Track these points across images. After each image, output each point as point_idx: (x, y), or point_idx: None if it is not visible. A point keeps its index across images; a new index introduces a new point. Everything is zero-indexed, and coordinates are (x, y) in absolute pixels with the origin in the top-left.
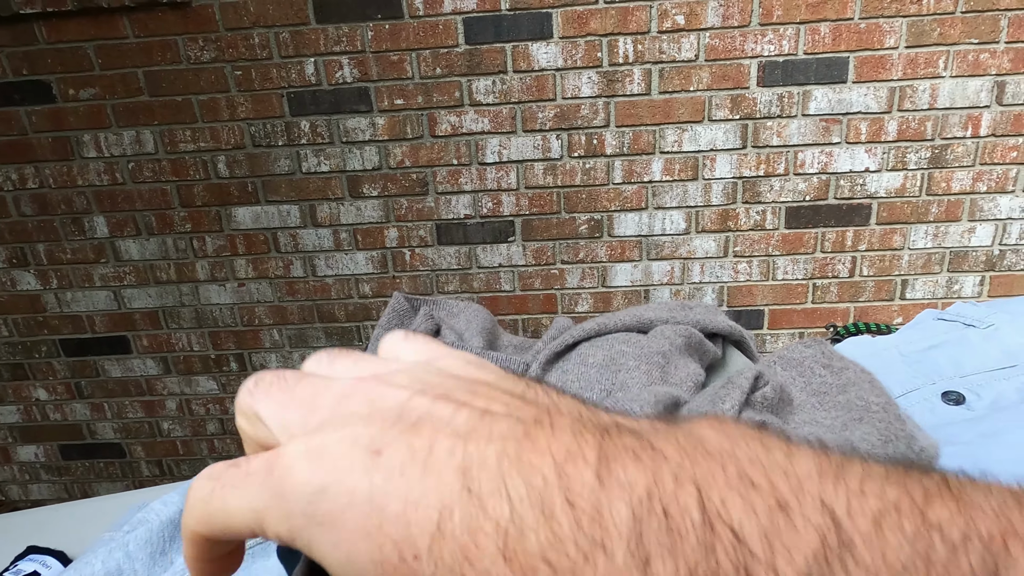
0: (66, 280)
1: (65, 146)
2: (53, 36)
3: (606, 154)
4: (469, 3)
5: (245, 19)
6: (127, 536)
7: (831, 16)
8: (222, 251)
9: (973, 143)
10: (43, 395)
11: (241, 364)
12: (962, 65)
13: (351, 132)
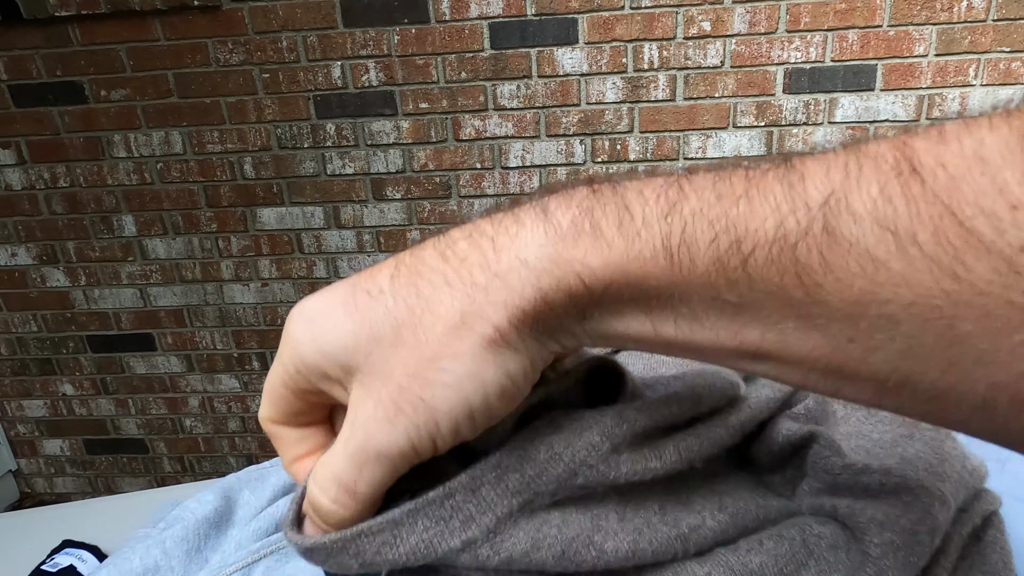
0: (94, 278)
1: (96, 146)
2: (86, 38)
3: (630, 160)
4: (495, 8)
5: (274, 22)
6: (164, 533)
7: (859, 23)
8: (247, 251)
9: None
10: (69, 390)
11: (263, 363)
12: (993, 74)
13: (376, 135)
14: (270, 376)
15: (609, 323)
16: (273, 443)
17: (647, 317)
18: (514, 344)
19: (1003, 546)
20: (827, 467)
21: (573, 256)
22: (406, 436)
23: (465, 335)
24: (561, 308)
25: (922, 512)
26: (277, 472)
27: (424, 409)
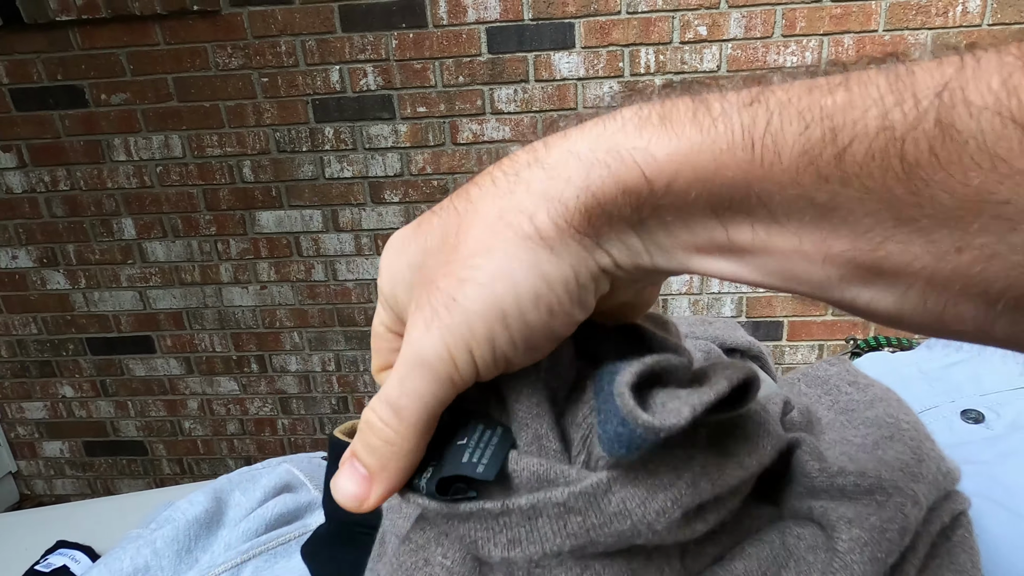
0: (94, 280)
1: (96, 149)
2: (87, 42)
3: None
4: (492, 13)
5: (273, 27)
6: (154, 534)
7: (855, 28)
8: (245, 254)
9: None
10: (69, 392)
11: (262, 366)
12: None
13: (374, 139)
14: (373, 323)
15: (672, 230)
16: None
17: (718, 221)
18: (552, 243)
19: (971, 545)
20: (805, 471)
21: (634, 144)
22: (442, 341)
23: (500, 230)
24: (613, 205)
25: (893, 511)
26: (268, 473)
27: (457, 310)
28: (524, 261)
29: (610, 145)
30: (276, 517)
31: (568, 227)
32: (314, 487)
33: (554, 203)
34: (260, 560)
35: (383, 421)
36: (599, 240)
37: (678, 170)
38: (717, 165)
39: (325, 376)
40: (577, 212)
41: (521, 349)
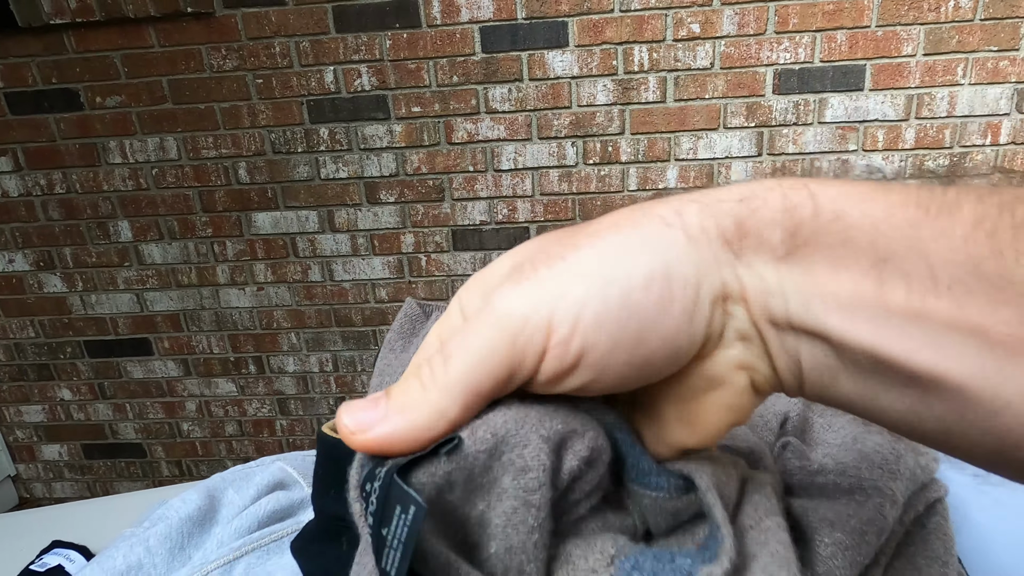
0: (91, 283)
1: (92, 152)
2: (81, 45)
3: (621, 161)
4: (486, 12)
5: (267, 29)
6: (147, 532)
7: (848, 24)
8: (242, 256)
9: (992, 151)
10: (67, 395)
11: (259, 367)
12: (981, 73)
13: (369, 139)
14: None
15: (817, 275)
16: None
17: (874, 273)
18: (692, 233)
19: (945, 532)
20: (785, 469)
21: (806, 179)
22: (523, 297)
23: (637, 215)
24: (769, 223)
25: (873, 512)
26: (262, 472)
27: (559, 268)
28: (654, 240)
29: (782, 179)
30: (269, 514)
31: (715, 228)
32: (307, 484)
33: (707, 204)
34: (253, 557)
35: (429, 363)
36: (738, 258)
37: (846, 208)
38: (887, 214)
39: (323, 377)
40: (728, 216)
41: (604, 338)
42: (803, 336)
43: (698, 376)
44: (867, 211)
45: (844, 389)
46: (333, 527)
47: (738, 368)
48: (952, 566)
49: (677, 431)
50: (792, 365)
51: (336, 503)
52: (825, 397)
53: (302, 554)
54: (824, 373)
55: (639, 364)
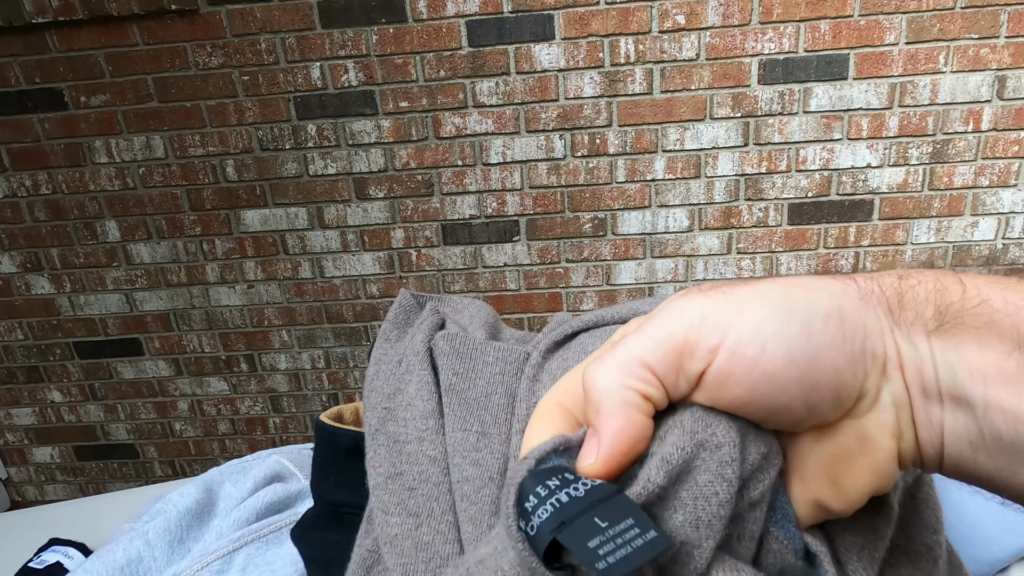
0: (79, 284)
1: (77, 152)
2: (64, 44)
3: (609, 153)
4: (472, 6)
5: (252, 25)
6: (147, 525)
7: (831, 14)
8: (231, 254)
9: (975, 138)
10: (58, 397)
11: (251, 365)
12: (962, 60)
13: (357, 135)
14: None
15: (964, 350)
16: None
17: (1017, 350)
18: (863, 293)
19: (935, 501)
20: None
21: (952, 272)
22: (701, 305)
23: (811, 277)
24: (922, 301)
25: (879, 503)
26: (258, 465)
27: (742, 288)
28: (830, 289)
29: (934, 269)
30: (267, 506)
31: (881, 293)
32: (304, 477)
33: (872, 277)
34: (252, 547)
35: (598, 361)
36: (897, 325)
37: (991, 295)
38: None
39: (315, 373)
40: (891, 288)
41: (782, 351)
42: (949, 405)
43: (852, 436)
44: (1009, 298)
45: (983, 465)
46: (332, 513)
47: (891, 434)
48: (942, 533)
49: (823, 490)
50: (935, 438)
51: (335, 490)
52: (964, 472)
53: (302, 540)
54: (964, 448)
55: (807, 389)
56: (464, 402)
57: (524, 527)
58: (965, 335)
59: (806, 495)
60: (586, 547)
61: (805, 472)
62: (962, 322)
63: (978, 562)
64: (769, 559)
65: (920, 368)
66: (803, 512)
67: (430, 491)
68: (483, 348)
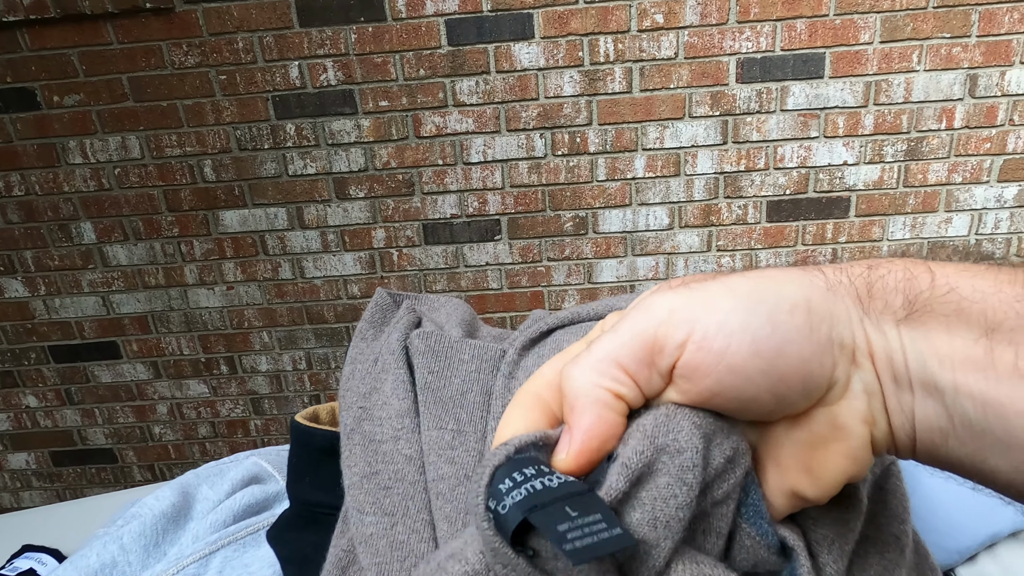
0: (54, 287)
1: (51, 153)
2: (36, 43)
3: (589, 152)
4: (451, 5)
5: (229, 24)
6: (121, 530)
7: (807, 13)
8: (210, 255)
9: (948, 135)
10: (33, 402)
11: (231, 367)
12: (935, 59)
13: (336, 134)
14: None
15: (932, 337)
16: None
17: (984, 336)
18: (832, 284)
19: (902, 493)
20: None
21: (923, 260)
22: (673, 300)
23: (780, 266)
24: (892, 290)
25: (849, 496)
26: (236, 467)
27: (711, 283)
28: (799, 279)
29: (904, 257)
30: (244, 508)
31: (850, 284)
32: (282, 478)
33: (841, 268)
34: (229, 550)
35: (574, 361)
36: (866, 314)
37: (960, 283)
38: (996, 289)
39: (296, 375)
40: (860, 278)
41: (747, 343)
42: (919, 392)
43: (824, 424)
44: (977, 286)
45: (954, 451)
46: (308, 513)
47: (863, 421)
48: (909, 523)
49: (798, 478)
50: (907, 424)
51: (311, 490)
52: (936, 458)
53: (278, 541)
54: (936, 434)
55: (774, 380)
56: (440, 400)
57: (494, 507)
58: (934, 323)
59: (782, 484)
60: (556, 529)
61: (780, 461)
62: (931, 310)
63: (947, 551)
64: (741, 554)
65: (890, 356)
66: (779, 502)
67: (405, 490)
68: (459, 346)
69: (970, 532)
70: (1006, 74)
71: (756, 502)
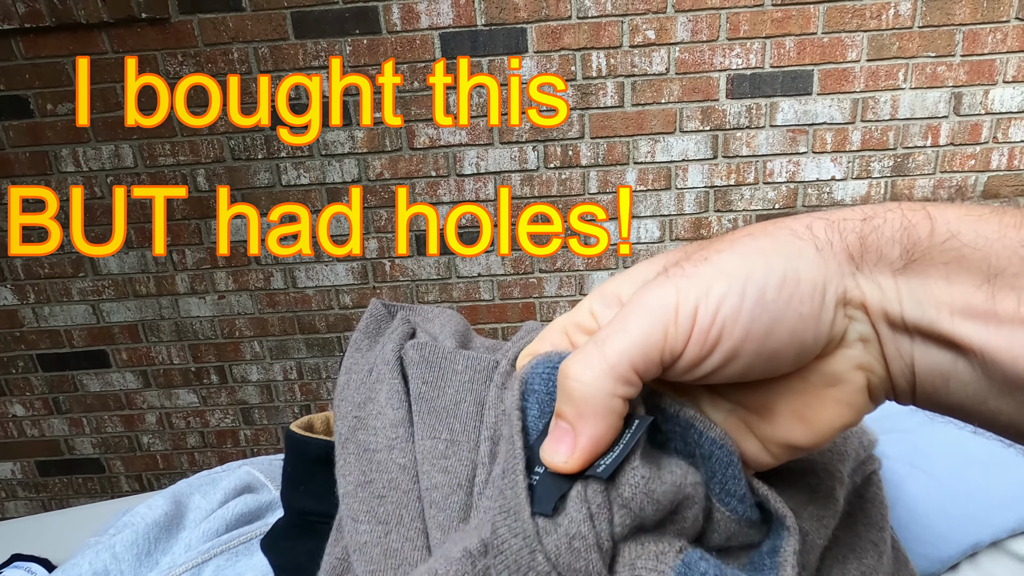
0: (44, 295)
1: (43, 161)
2: (31, 51)
3: (582, 165)
4: (445, 18)
5: (224, 34)
6: (113, 539)
7: (795, 31)
8: (202, 264)
9: (933, 152)
10: (20, 411)
11: (222, 376)
12: (921, 77)
13: (330, 145)
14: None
15: (931, 285)
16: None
17: (986, 283)
18: (820, 244)
19: (881, 501)
20: None
21: (924, 203)
22: (673, 289)
23: (770, 228)
24: (888, 240)
25: (826, 495)
26: (229, 476)
27: (705, 267)
28: (787, 248)
29: (902, 202)
30: (237, 517)
31: (840, 242)
32: (274, 487)
33: (833, 221)
34: (221, 559)
35: (582, 362)
36: (858, 269)
37: (962, 228)
38: (1000, 234)
39: (287, 385)
40: (852, 233)
41: (739, 328)
42: (917, 338)
43: (819, 373)
44: (981, 231)
45: (955, 394)
46: (302, 522)
47: (857, 368)
48: (887, 531)
49: (791, 428)
50: (905, 370)
51: (305, 499)
52: (936, 403)
53: (272, 550)
54: (936, 378)
55: (768, 355)
56: (433, 410)
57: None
58: (933, 271)
59: (774, 435)
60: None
61: (772, 411)
62: (930, 258)
63: (930, 559)
64: (714, 526)
65: (884, 307)
66: (770, 454)
67: (399, 499)
68: (452, 357)
69: (953, 541)
70: (989, 93)
71: (726, 484)
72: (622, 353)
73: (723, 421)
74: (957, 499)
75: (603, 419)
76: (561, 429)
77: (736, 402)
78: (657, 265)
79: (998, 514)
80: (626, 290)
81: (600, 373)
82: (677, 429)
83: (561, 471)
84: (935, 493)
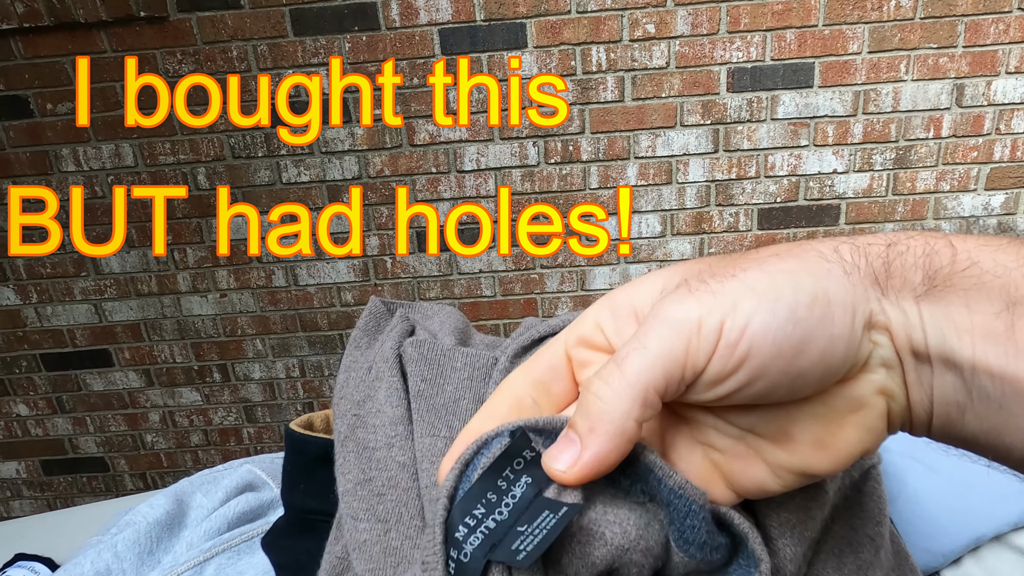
0: (46, 295)
1: (43, 160)
2: (30, 51)
3: (582, 160)
4: (444, 14)
5: (223, 32)
6: (115, 538)
7: (796, 23)
8: (203, 262)
9: (935, 144)
10: (24, 410)
11: (224, 375)
12: (922, 69)
13: (330, 142)
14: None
15: (954, 310)
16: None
17: (1005, 311)
18: (848, 268)
19: (879, 495)
20: None
21: (943, 232)
22: (697, 304)
23: (797, 249)
24: (911, 266)
25: (814, 489)
26: (230, 474)
27: (731, 283)
28: (815, 268)
29: (924, 231)
30: (238, 515)
31: (867, 265)
32: (276, 486)
33: (859, 246)
34: (223, 557)
35: (602, 379)
36: (884, 294)
37: (982, 257)
38: (1018, 264)
39: (290, 382)
40: (878, 258)
41: (768, 345)
42: (938, 367)
43: (841, 397)
44: (1000, 260)
45: (970, 427)
46: (302, 521)
47: (879, 392)
48: (885, 525)
49: (810, 455)
50: (924, 399)
51: (305, 497)
52: (951, 435)
53: (273, 548)
54: (952, 409)
55: (794, 374)
56: (432, 408)
57: (456, 556)
58: (954, 297)
59: (790, 463)
60: (511, 551)
61: (792, 438)
62: (951, 285)
63: (932, 554)
64: (674, 566)
65: (908, 332)
66: (781, 482)
67: (399, 496)
68: (451, 354)
69: (954, 534)
70: (992, 84)
71: (684, 534)
72: (641, 372)
73: (730, 447)
74: (958, 492)
75: (613, 440)
76: (569, 439)
77: (747, 429)
78: (676, 276)
79: (1000, 507)
80: (640, 301)
81: (619, 391)
82: (639, 473)
83: (558, 480)
84: (936, 486)
